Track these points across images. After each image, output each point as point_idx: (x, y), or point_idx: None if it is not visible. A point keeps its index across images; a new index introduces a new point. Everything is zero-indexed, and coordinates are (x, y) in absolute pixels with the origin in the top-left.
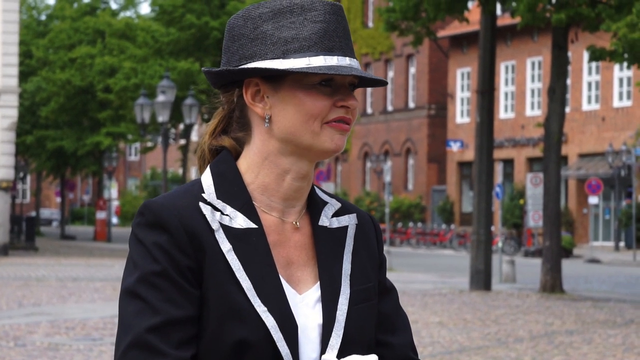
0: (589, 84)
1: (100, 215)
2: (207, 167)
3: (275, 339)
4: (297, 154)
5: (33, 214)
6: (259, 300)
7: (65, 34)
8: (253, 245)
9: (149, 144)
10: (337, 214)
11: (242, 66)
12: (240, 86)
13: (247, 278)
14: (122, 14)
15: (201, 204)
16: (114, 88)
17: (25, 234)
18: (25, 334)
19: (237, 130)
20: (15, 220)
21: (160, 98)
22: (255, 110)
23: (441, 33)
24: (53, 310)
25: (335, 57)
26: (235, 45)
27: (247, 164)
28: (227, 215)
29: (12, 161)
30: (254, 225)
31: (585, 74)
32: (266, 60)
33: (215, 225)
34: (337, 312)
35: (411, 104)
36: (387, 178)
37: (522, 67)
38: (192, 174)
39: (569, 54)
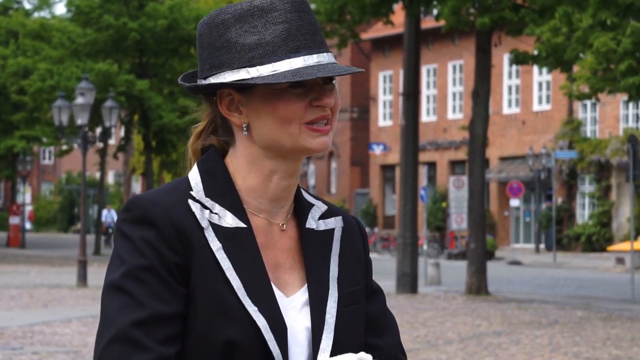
0: (510, 88)
1: (14, 220)
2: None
3: (266, 339)
4: (281, 155)
5: None
6: (249, 300)
7: None
8: (242, 245)
9: (64, 147)
10: (323, 216)
11: (211, 78)
12: (216, 95)
13: (237, 277)
14: (36, 14)
15: (190, 202)
16: (28, 90)
17: None
18: None
19: (222, 134)
20: None
21: (79, 100)
22: (232, 120)
23: (363, 36)
24: None
25: (301, 58)
26: (205, 54)
27: (234, 167)
28: (216, 213)
29: None
30: (243, 225)
31: (506, 78)
32: (234, 70)
33: (204, 223)
34: (327, 315)
35: None
36: (311, 181)
37: (443, 71)
38: (110, 177)
39: None
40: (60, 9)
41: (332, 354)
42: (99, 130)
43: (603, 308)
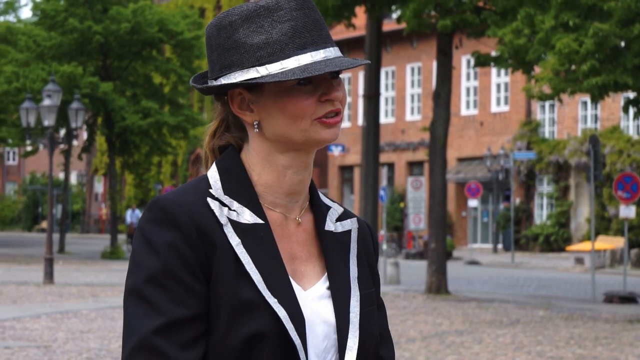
0: (467, 90)
1: None
2: (212, 164)
3: (287, 329)
4: (294, 149)
5: None
6: (269, 293)
7: None
8: (260, 240)
9: (29, 148)
10: (339, 218)
11: (221, 78)
12: (227, 94)
13: (256, 271)
14: (2, 18)
15: (209, 200)
16: None
17: None
18: None
19: (235, 132)
20: None
21: (46, 102)
22: (244, 118)
23: None
24: None
25: (308, 54)
26: (214, 55)
27: (249, 163)
28: (234, 210)
29: None
30: (260, 221)
31: (464, 80)
32: (243, 70)
33: (223, 220)
34: (351, 314)
35: None
36: None
37: (402, 73)
38: (73, 178)
39: None
40: (26, 13)
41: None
42: (63, 131)
43: (564, 308)
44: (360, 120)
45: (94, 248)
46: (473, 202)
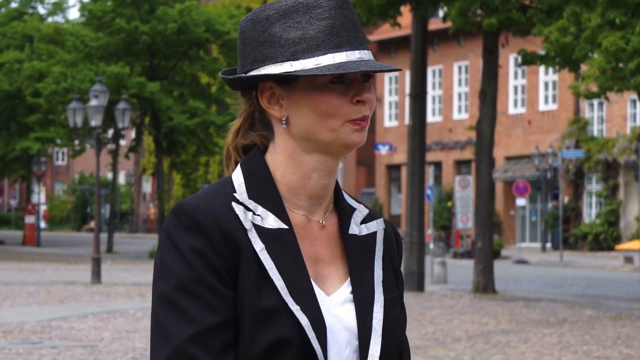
0: (515, 88)
1: (29, 219)
2: (235, 165)
3: (309, 337)
4: (320, 150)
5: None
6: (292, 299)
7: None
8: (284, 246)
9: (77, 148)
10: (364, 220)
11: (253, 71)
12: (256, 89)
13: (279, 277)
14: (50, 19)
15: (234, 204)
16: (43, 92)
17: None
18: None
19: (260, 129)
20: None
21: (93, 102)
22: (272, 113)
23: (369, 38)
24: None
25: (344, 53)
26: (247, 49)
27: (274, 163)
28: (258, 215)
29: None
30: (284, 226)
31: (512, 78)
32: (276, 64)
33: (248, 225)
34: (374, 320)
35: None
36: None
37: (449, 72)
38: (121, 177)
39: None
40: (73, 14)
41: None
42: (110, 131)
43: (612, 307)
44: (407, 120)
45: (141, 248)
46: (521, 201)
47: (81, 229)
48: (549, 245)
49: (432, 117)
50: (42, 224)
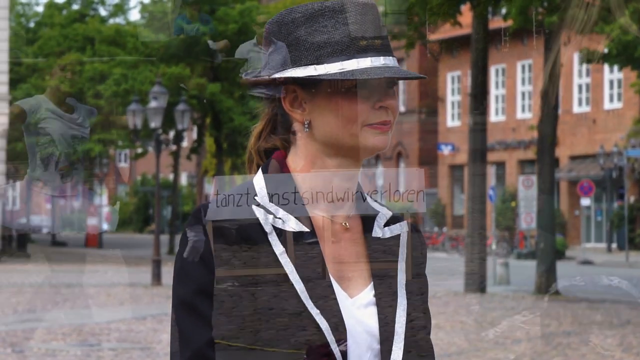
0: (579, 87)
1: (91, 221)
2: (257, 168)
3: (329, 341)
4: (342, 154)
5: (24, 220)
6: (312, 303)
7: (54, 41)
8: (305, 249)
9: (139, 150)
10: (387, 223)
11: (277, 74)
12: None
13: (299, 280)
14: (111, 21)
15: (254, 207)
16: (104, 94)
17: (17, 241)
18: (22, 340)
19: (282, 132)
20: (6, 227)
21: (153, 104)
22: (294, 116)
23: (431, 37)
24: (48, 317)
25: (368, 59)
26: None
27: (295, 166)
28: (279, 218)
29: (2, 168)
30: (305, 229)
31: (576, 77)
32: (300, 67)
33: (268, 228)
34: (396, 325)
35: (402, 108)
36: (379, 182)
37: (512, 71)
38: (183, 179)
39: None
40: (134, 15)
41: None
42: (172, 133)
43: None
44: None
45: None
46: (586, 201)
47: (143, 230)
48: (614, 245)
49: (495, 116)
50: (105, 226)
